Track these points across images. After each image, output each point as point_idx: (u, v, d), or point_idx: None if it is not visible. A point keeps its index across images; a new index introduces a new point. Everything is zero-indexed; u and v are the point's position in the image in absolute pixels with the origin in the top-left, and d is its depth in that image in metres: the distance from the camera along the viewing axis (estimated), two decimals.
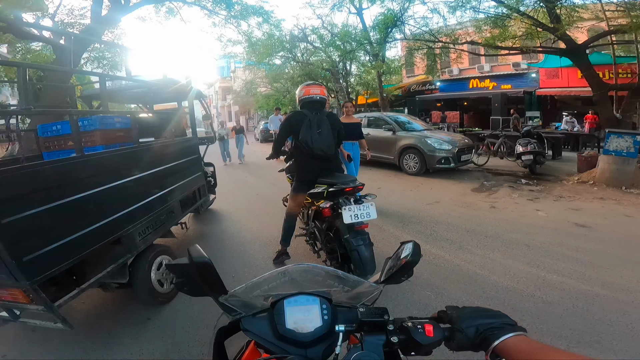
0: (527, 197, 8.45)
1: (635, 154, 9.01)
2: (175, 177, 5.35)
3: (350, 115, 7.94)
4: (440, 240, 5.82)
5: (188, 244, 6.07)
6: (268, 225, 6.92)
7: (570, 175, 10.77)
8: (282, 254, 5.13)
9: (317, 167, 4.62)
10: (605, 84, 10.81)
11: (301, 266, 1.68)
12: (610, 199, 8.13)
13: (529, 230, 6.15)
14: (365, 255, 3.98)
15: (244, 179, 12.32)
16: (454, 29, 15.50)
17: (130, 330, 3.78)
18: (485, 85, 25.22)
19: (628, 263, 4.79)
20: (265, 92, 34.42)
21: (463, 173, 11.70)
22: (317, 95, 4.65)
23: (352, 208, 4.12)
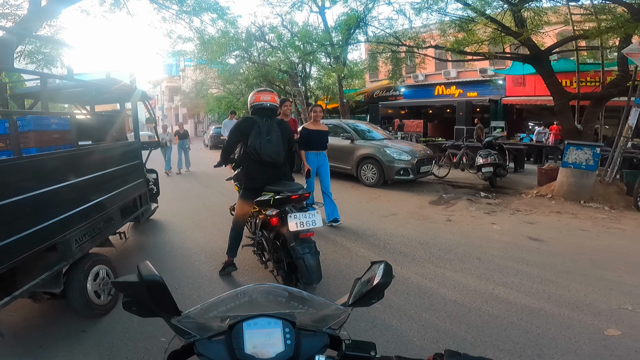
0: (484, 211, 8.97)
1: (595, 167, 9.65)
2: (115, 183, 5.45)
3: (318, 122, 7.67)
4: (393, 253, 6.16)
5: (127, 254, 6.22)
6: (215, 236, 7.11)
7: (530, 188, 11.40)
8: (228, 265, 5.31)
9: (265, 174, 4.86)
10: (566, 93, 11.32)
11: (262, 286, 1.66)
12: (567, 213, 8.74)
13: (482, 244, 6.60)
14: (311, 263, 4.22)
15: (190, 188, 12.44)
16: (419, 32, 15.91)
17: (64, 343, 3.82)
18: (451, 92, 25.92)
19: (577, 277, 5.25)
20: (217, 93, 34.02)
21: (422, 185, 12.19)
22: (267, 102, 4.90)
23: (297, 216, 4.36)
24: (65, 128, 4.71)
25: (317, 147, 7.51)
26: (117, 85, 6.24)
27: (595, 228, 7.66)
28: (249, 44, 22.42)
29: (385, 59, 17.90)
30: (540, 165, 12.88)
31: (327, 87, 25.39)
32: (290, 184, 4.82)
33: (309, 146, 7.43)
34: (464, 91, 25.36)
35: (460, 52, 12.17)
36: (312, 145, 7.45)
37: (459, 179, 13.35)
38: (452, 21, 13.00)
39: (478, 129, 20.67)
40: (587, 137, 10.65)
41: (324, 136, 7.64)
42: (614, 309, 4.35)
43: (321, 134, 7.58)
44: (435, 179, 13.07)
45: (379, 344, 3.67)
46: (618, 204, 9.39)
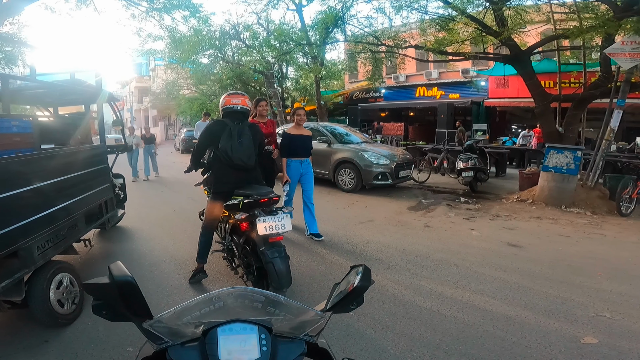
0: (464, 216, 9.10)
1: (576, 171, 9.88)
2: (79, 188, 5.42)
3: (301, 126, 7.32)
4: (369, 261, 6.21)
5: (93, 262, 6.18)
6: (185, 243, 7.09)
7: (511, 193, 11.61)
8: (198, 272, 5.32)
9: (235, 178, 4.96)
10: (547, 95, 11.46)
11: (238, 290, 1.64)
12: (548, 219, 8.92)
13: (460, 250, 6.71)
14: (281, 268, 4.30)
15: (160, 194, 12.37)
16: (399, 31, 16.04)
17: (25, 354, 3.80)
18: (433, 93, 26.16)
19: (554, 284, 5.36)
20: (189, 95, 33.83)
21: (401, 190, 12.30)
22: (238, 106, 5.02)
23: (266, 219, 4.46)
24: (27, 131, 4.64)
25: (300, 153, 7.18)
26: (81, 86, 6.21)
27: (576, 234, 7.83)
28: (222, 42, 22.37)
29: (365, 59, 17.99)
30: (521, 170, 13.06)
31: (305, 88, 25.46)
32: (260, 187, 4.91)
33: (292, 153, 7.12)
34: (445, 93, 25.59)
35: (440, 52, 12.22)
36: (296, 152, 7.12)
37: (439, 183, 13.51)
38: (433, 20, 13.07)
39: (459, 131, 20.89)
40: (568, 140, 10.78)
41: (307, 142, 7.29)
42: (591, 317, 4.46)
43: (305, 140, 7.23)
44: (414, 184, 13.20)
45: (352, 352, 3.72)
46: (600, 209, 9.60)
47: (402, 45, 14.45)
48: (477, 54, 12.33)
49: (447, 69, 25.46)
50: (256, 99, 7.25)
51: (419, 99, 26.76)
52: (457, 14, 11.56)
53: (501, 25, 10.85)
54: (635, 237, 7.66)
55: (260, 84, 24.45)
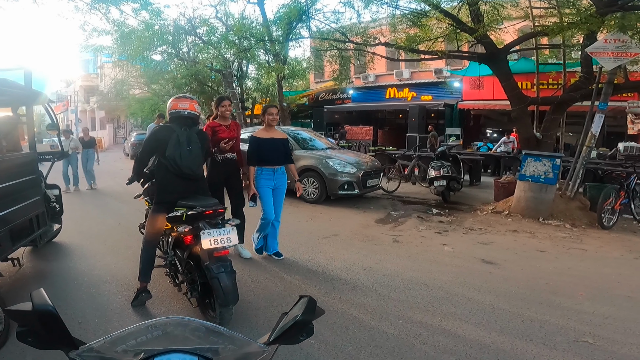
0: (435, 230, 9.09)
1: (555, 181, 9.97)
2: (4, 202, 5.20)
3: (273, 127, 6.80)
4: (333, 280, 6.10)
5: (23, 283, 5.94)
6: (130, 261, 6.81)
7: (486, 204, 11.71)
8: (141, 292, 5.16)
9: (182, 188, 4.93)
10: (525, 97, 11.50)
11: (176, 319, 1.64)
12: (525, 232, 8.98)
13: (431, 268, 6.65)
14: (227, 283, 4.31)
15: (104, 205, 11.99)
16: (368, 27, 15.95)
17: None
18: (404, 95, 26.32)
19: (532, 305, 5.33)
20: (139, 95, 33.27)
21: (369, 201, 12.27)
22: (185, 111, 5.00)
23: (211, 232, 4.49)
24: None
25: (273, 160, 6.62)
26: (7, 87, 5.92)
27: (555, 248, 7.88)
28: (177, 38, 21.96)
29: (331, 57, 17.92)
30: (497, 178, 13.15)
31: (266, 88, 25.30)
32: (205, 198, 4.92)
33: (263, 160, 6.57)
34: (417, 94, 25.79)
35: (412, 50, 12.20)
36: (267, 158, 6.56)
37: (410, 193, 13.54)
38: (404, 15, 12.96)
39: (432, 136, 20.98)
40: (546, 146, 10.90)
41: (281, 146, 6.73)
42: (572, 342, 4.42)
43: (277, 144, 6.68)
44: (383, 194, 13.20)
45: None
46: (580, 221, 9.71)
47: (371, 43, 14.39)
48: (450, 52, 12.30)
49: (419, 69, 25.69)
50: (218, 98, 6.94)
51: (389, 101, 26.95)
52: (431, 8, 11.47)
53: (477, 22, 10.86)
54: (618, 253, 7.75)
55: (217, 84, 24.17)
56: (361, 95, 28.06)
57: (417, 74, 26.13)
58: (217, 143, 6.39)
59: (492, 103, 22.70)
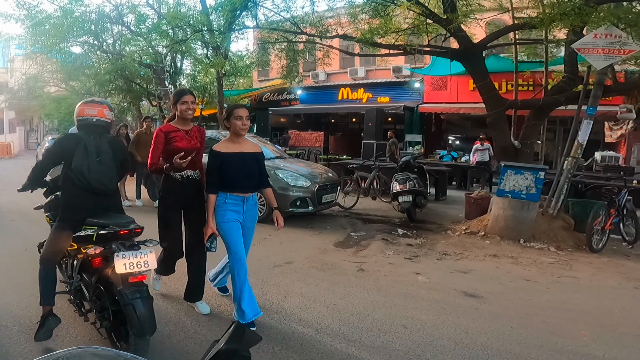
0: (405, 255, 8.80)
1: (538, 197, 9.84)
2: None
3: (242, 137, 5.42)
4: (291, 321, 5.66)
5: None
6: (37, 297, 6.18)
7: (457, 222, 11.60)
8: (47, 317, 4.79)
9: (91, 204, 4.80)
10: (503, 100, 11.25)
11: (90, 349, 1.64)
12: (506, 257, 8.80)
13: (407, 304, 6.29)
14: (142, 310, 4.20)
15: (7, 225, 11.02)
16: (324, 17, 15.53)
17: None
18: (359, 96, 26.31)
19: (532, 349, 5.03)
20: (56, 93, 32.40)
21: (325, 219, 11.95)
22: (93, 117, 4.88)
23: (126, 255, 4.35)
24: None
25: (243, 185, 5.32)
26: None
27: (543, 277, 7.69)
28: (100, 27, 21.34)
29: (280, 51, 17.36)
30: (468, 193, 12.97)
31: (204, 87, 24.82)
32: (119, 216, 4.88)
33: (229, 184, 5.26)
34: (373, 95, 25.81)
35: (374, 44, 11.79)
36: (235, 182, 5.26)
37: (370, 210, 13.32)
38: (366, 4, 12.60)
39: (392, 144, 20.69)
40: (525, 156, 10.82)
41: (254, 164, 5.43)
42: None
43: (249, 161, 5.36)
44: (340, 211, 12.92)
45: None
46: (566, 243, 9.63)
47: (326, 35, 13.96)
48: (420, 46, 11.89)
49: (376, 67, 25.60)
50: (178, 91, 5.65)
51: (341, 103, 26.92)
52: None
53: (451, 11, 10.48)
54: (614, 281, 7.63)
55: (147, 81, 23.71)
56: (310, 96, 27.87)
57: (373, 72, 26.12)
58: (172, 156, 5.19)
59: (457, 106, 22.82)
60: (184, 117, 5.48)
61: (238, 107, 5.52)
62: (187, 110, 5.42)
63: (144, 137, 12.44)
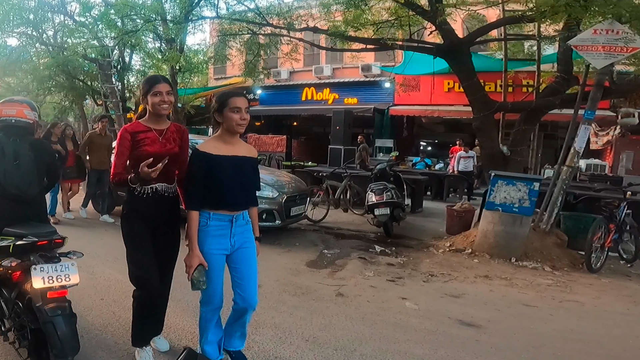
0: (387, 277, 8.47)
1: (531, 210, 9.60)
2: None
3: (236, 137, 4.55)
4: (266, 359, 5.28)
5: None
6: None
7: (439, 238, 11.38)
8: None
9: (9, 213, 4.70)
10: (491, 102, 11.03)
11: None
12: (499, 278, 8.55)
13: (397, 336, 5.94)
14: (64, 329, 4.06)
15: None
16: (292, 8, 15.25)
17: None
18: (324, 97, 26.18)
19: None
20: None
21: (293, 234, 11.61)
22: (12, 118, 4.81)
23: (45, 268, 4.22)
24: None
25: (234, 199, 4.43)
26: None
27: (543, 302, 7.46)
28: (41, 17, 20.99)
29: (242, 45, 16.89)
30: (450, 205, 12.70)
31: (140, 90, 24.20)
32: (39, 225, 4.75)
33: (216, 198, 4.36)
34: (340, 96, 25.74)
35: (348, 38, 11.44)
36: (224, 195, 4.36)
37: (342, 223, 13.05)
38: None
39: (362, 150, 20.43)
40: (515, 165, 10.69)
41: (250, 172, 4.58)
42: None
43: (244, 167, 4.50)
44: (309, 225, 12.60)
45: None
46: (561, 262, 9.44)
47: (294, 27, 13.57)
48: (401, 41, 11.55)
49: (343, 65, 25.59)
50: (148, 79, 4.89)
51: (306, 104, 26.79)
52: None
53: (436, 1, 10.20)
54: (621, 305, 7.45)
55: (92, 77, 23.57)
56: (271, 97, 27.67)
57: (340, 71, 26.05)
58: (140, 163, 4.22)
59: (430, 109, 22.79)
60: (157, 113, 4.52)
61: (234, 94, 4.45)
62: (161, 104, 4.44)
63: (97, 140, 11.90)
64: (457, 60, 10.92)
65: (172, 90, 4.44)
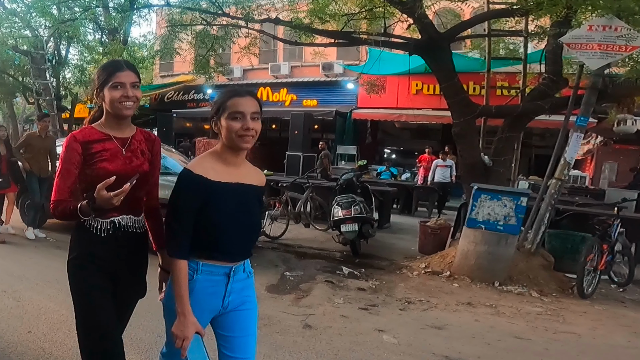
0: (359, 304, 8.15)
1: (518, 229, 9.41)
2: None
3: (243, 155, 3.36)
4: None
5: None
6: None
7: (411, 258, 11.22)
8: None
9: None
10: (473, 106, 10.81)
11: None
12: (483, 305, 8.33)
13: None
14: None
15: None
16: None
17: None
18: (281, 98, 26.15)
19: None
20: None
21: None
22: None
23: None
24: None
25: (235, 247, 3.21)
26: None
27: (535, 333, 7.22)
28: None
29: (193, 38, 16.54)
30: (423, 221, 12.48)
31: (94, 81, 23.78)
32: None
33: (211, 243, 3.14)
34: (298, 97, 25.74)
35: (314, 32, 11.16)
36: (225, 239, 3.15)
37: (303, 240, 12.80)
38: None
39: (324, 157, 20.11)
40: (498, 177, 10.45)
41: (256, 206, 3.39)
42: None
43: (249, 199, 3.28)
44: (267, 241, 12.25)
45: None
46: (548, 286, 9.31)
47: (253, 18, 13.16)
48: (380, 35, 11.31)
49: (303, 63, 25.38)
50: (105, 65, 3.58)
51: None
52: None
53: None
54: (621, 337, 7.28)
55: (23, 72, 23.22)
56: None
57: (299, 69, 25.96)
58: (94, 185, 3.01)
59: (397, 112, 22.76)
60: (117, 114, 3.32)
61: (236, 94, 3.12)
62: (124, 101, 3.23)
63: (36, 142, 11.20)
64: (436, 58, 10.65)
65: (139, 82, 3.29)
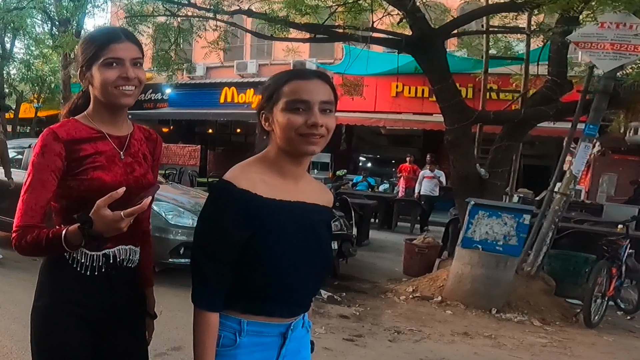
0: (343, 334, 7.80)
1: (519, 250, 9.19)
2: None
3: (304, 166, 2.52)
4: None
5: None
6: None
7: (396, 280, 11.06)
8: None
9: None
10: (470, 111, 10.55)
11: None
12: (481, 336, 8.06)
13: None
14: None
15: None
16: None
17: None
18: (247, 99, 25.83)
19: None
20: None
21: None
22: None
23: None
24: None
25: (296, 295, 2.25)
26: None
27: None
28: None
29: (155, 30, 15.88)
30: (409, 239, 12.23)
31: (42, 78, 23.79)
32: None
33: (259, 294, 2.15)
34: None
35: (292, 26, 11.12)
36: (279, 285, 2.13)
37: None
38: None
39: None
40: (494, 190, 10.28)
41: (326, 235, 2.43)
42: None
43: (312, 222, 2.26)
44: None
45: None
46: (551, 314, 9.11)
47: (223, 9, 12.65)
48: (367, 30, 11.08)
49: (272, 61, 25.33)
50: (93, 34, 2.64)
51: (225, 107, 26.40)
52: None
53: None
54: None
55: None
56: (183, 97, 27.14)
57: (267, 68, 25.76)
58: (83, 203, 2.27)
59: (375, 117, 22.64)
60: (113, 103, 2.46)
61: (300, 75, 2.23)
62: (124, 85, 2.39)
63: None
64: (429, 56, 10.38)
65: (141, 58, 2.48)
